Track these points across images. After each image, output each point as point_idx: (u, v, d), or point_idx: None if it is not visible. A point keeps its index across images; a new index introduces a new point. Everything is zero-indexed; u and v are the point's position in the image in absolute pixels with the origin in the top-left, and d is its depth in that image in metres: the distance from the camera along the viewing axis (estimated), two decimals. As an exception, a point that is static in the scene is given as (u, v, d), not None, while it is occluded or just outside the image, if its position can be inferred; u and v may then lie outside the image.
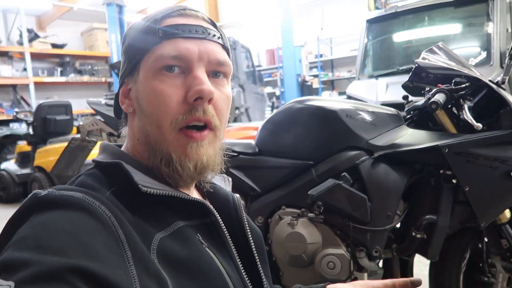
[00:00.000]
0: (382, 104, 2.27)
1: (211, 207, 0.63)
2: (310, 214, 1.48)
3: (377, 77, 3.93)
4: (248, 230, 0.71)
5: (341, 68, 8.68)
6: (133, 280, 0.46)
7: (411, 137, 1.45)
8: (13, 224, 0.49)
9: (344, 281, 1.44)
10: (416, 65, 1.53)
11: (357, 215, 1.41)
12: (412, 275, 1.67)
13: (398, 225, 1.58)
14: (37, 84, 7.87)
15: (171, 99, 0.59)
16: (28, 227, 0.46)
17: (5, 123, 7.25)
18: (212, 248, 0.62)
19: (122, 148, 0.68)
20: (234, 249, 0.66)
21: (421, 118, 1.56)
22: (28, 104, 7.96)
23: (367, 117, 1.52)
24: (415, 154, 1.41)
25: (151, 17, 0.63)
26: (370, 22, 4.28)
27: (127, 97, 0.66)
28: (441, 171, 1.39)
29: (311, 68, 8.48)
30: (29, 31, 7.98)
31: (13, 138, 6.04)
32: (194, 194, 0.70)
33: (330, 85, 9.07)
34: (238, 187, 1.64)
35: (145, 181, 0.58)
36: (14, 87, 8.09)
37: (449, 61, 1.51)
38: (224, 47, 0.66)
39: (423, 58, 1.52)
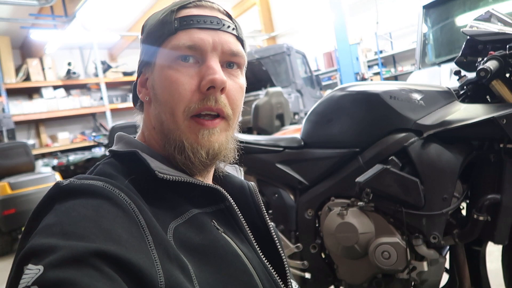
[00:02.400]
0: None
1: (225, 192, 0.64)
2: (360, 203, 1.42)
3: (439, 64, 3.69)
4: (266, 215, 0.71)
5: (403, 62, 8.26)
6: (155, 263, 0.47)
7: (464, 112, 1.33)
8: (38, 213, 0.52)
9: (402, 271, 1.37)
10: (468, 37, 1.42)
11: (409, 199, 1.32)
12: (485, 267, 1.51)
13: (464, 211, 1.45)
14: (112, 110, 8.51)
15: (185, 88, 0.61)
16: (53, 215, 0.48)
17: (88, 148, 7.97)
18: (228, 233, 0.63)
19: (136, 137, 0.70)
20: (251, 233, 0.66)
21: (477, 93, 1.42)
22: (106, 130, 8.65)
23: (414, 97, 1.43)
24: (469, 129, 1.29)
25: (168, 8, 0.65)
26: (427, 7, 4.06)
27: (144, 86, 0.68)
28: (501, 145, 1.26)
29: (372, 65, 8.20)
30: (103, 63, 8.71)
31: (94, 161, 6.60)
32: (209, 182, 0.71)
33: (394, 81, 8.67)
34: (286, 181, 1.63)
35: (161, 168, 0.60)
36: (93, 115, 8.88)
37: (503, 26, 1.37)
38: (238, 38, 0.67)
39: (471, 27, 1.40)
